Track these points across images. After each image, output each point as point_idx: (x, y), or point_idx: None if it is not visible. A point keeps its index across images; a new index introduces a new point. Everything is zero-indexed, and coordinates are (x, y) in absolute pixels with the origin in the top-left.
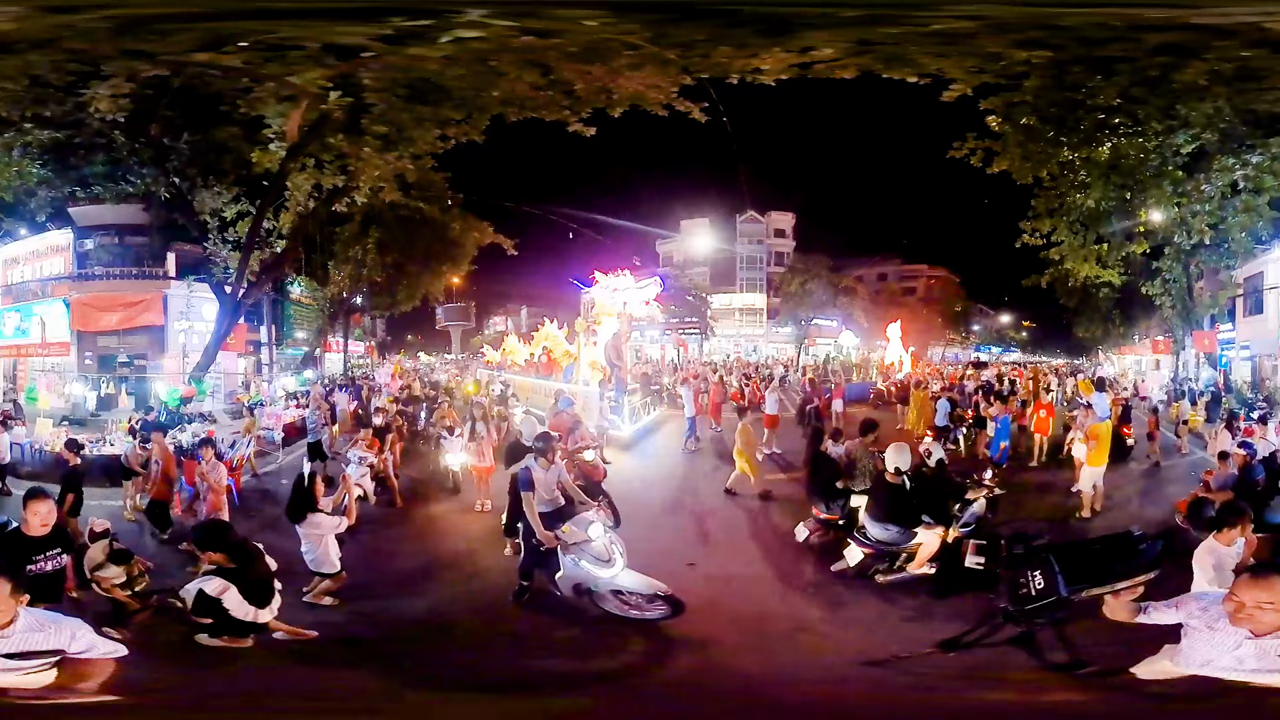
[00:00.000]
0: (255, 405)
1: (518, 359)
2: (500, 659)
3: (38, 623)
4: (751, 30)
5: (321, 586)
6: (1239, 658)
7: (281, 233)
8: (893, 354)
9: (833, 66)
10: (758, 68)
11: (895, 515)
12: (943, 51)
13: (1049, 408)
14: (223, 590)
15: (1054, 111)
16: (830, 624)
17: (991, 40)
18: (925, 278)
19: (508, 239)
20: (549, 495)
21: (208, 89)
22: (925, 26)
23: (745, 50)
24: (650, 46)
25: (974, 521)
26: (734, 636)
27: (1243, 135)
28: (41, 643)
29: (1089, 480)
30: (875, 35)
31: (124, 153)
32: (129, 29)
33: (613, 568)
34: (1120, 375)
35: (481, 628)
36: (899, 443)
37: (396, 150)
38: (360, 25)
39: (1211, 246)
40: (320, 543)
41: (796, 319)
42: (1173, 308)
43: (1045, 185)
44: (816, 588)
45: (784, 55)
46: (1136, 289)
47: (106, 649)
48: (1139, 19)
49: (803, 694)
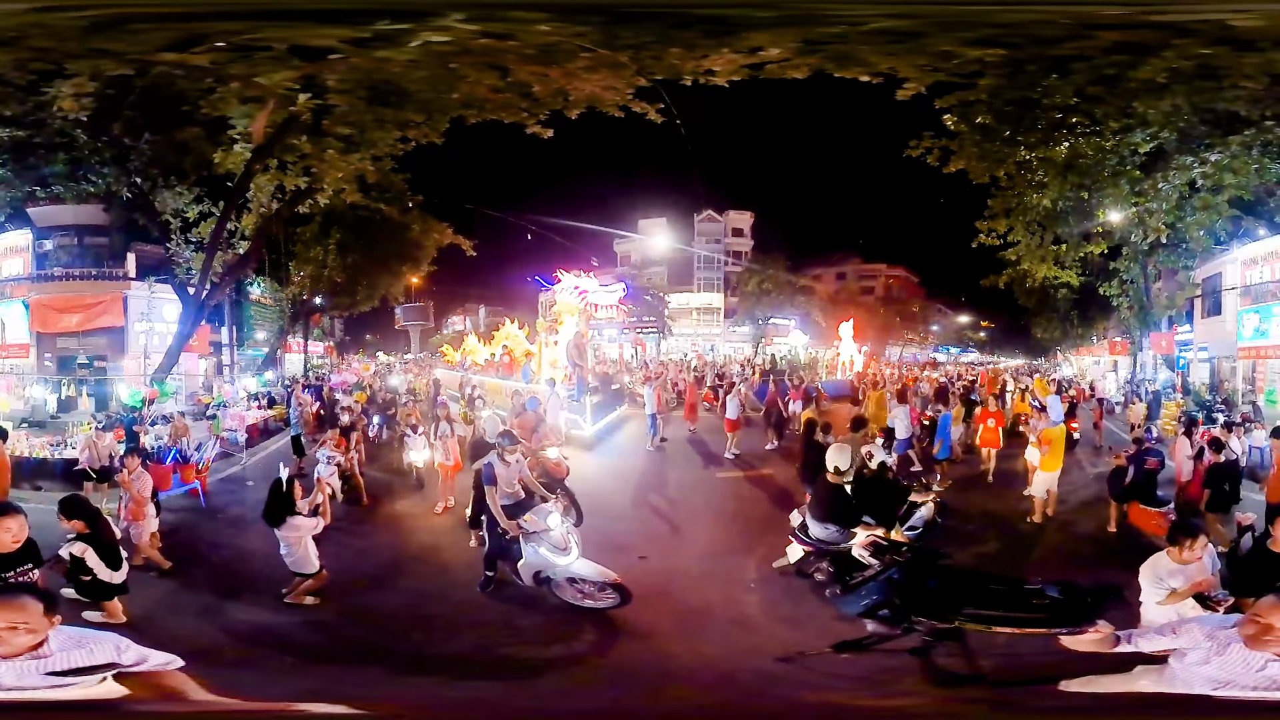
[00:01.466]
0: (219, 406)
1: (478, 358)
2: (468, 646)
3: (74, 640)
4: (697, 32)
5: (303, 586)
6: (1269, 677)
7: (244, 234)
8: (845, 353)
9: (784, 67)
10: (710, 69)
11: (835, 515)
12: (893, 50)
13: (998, 416)
14: (84, 551)
15: (1010, 110)
16: (763, 615)
17: (943, 39)
18: (884, 277)
19: (466, 240)
20: (510, 489)
21: (171, 89)
22: (865, 25)
23: (695, 52)
24: (602, 50)
25: (921, 525)
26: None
27: (1201, 134)
28: (84, 659)
29: (1042, 485)
30: (818, 34)
31: (85, 152)
32: (100, 28)
33: (569, 555)
34: (1078, 376)
35: (450, 616)
36: (840, 443)
37: (358, 152)
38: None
39: (1169, 246)
40: (300, 544)
41: (754, 318)
42: (1130, 309)
43: (1002, 185)
44: (761, 581)
45: (733, 56)
46: (1094, 290)
47: (159, 660)
48: (1095, 16)
49: (734, 684)
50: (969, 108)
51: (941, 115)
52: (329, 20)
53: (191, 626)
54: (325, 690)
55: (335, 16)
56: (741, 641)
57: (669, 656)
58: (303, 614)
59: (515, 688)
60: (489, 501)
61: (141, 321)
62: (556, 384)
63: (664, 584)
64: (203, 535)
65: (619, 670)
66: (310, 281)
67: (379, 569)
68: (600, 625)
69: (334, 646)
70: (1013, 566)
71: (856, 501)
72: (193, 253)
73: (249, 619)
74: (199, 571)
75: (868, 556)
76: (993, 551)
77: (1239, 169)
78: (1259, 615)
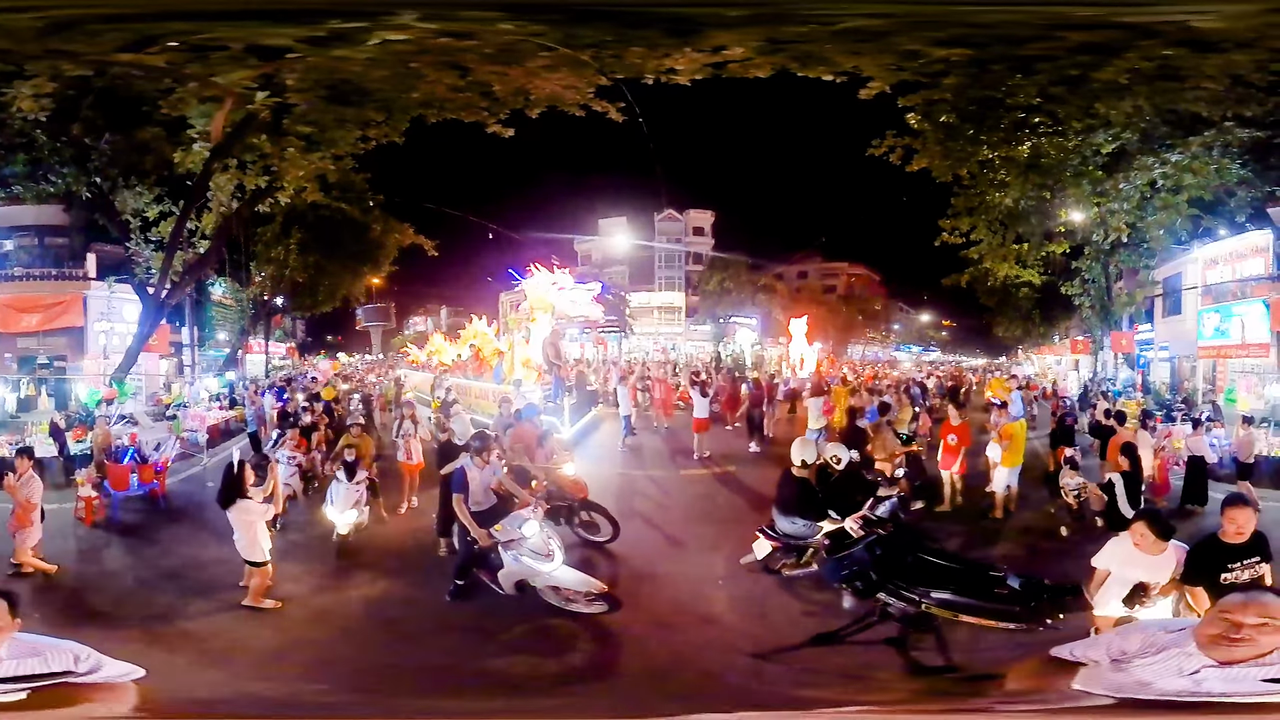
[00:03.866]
0: (179, 406)
1: (444, 358)
2: (441, 655)
3: (30, 648)
4: (659, 30)
5: (254, 585)
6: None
7: (204, 233)
8: (795, 351)
9: (746, 66)
10: (672, 68)
11: (801, 509)
12: (857, 49)
13: (961, 431)
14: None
15: (973, 110)
16: (733, 612)
17: (907, 38)
18: (846, 275)
19: (428, 240)
20: (483, 496)
21: (130, 89)
22: (832, 25)
23: (657, 51)
24: (563, 49)
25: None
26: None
27: (1163, 135)
28: (36, 667)
29: (1003, 481)
30: (781, 34)
31: (45, 152)
32: (58, 29)
33: (552, 562)
34: (1039, 374)
35: (420, 623)
36: (803, 438)
37: (319, 151)
38: (288, 26)
39: (1130, 245)
40: (250, 529)
41: (715, 317)
42: (1091, 307)
43: (964, 184)
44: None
45: (695, 55)
46: (1056, 289)
47: (117, 671)
48: (1062, 17)
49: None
50: (932, 107)
51: (905, 114)
52: (282, 19)
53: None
54: (288, 698)
55: (289, 16)
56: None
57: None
58: (263, 619)
59: (491, 692)
60: (458, 510)
61: (101, 321)
62: (523, 384)
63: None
64: (160, 537)
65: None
66: (271, 282)
67: (338, 572)
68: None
69: (296, 652)
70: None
71: (822, 495)
72: (153, 252)
73: (208, 624)
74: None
75: (858, 529)
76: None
77: (1199, 169)
78: (1221, 615)
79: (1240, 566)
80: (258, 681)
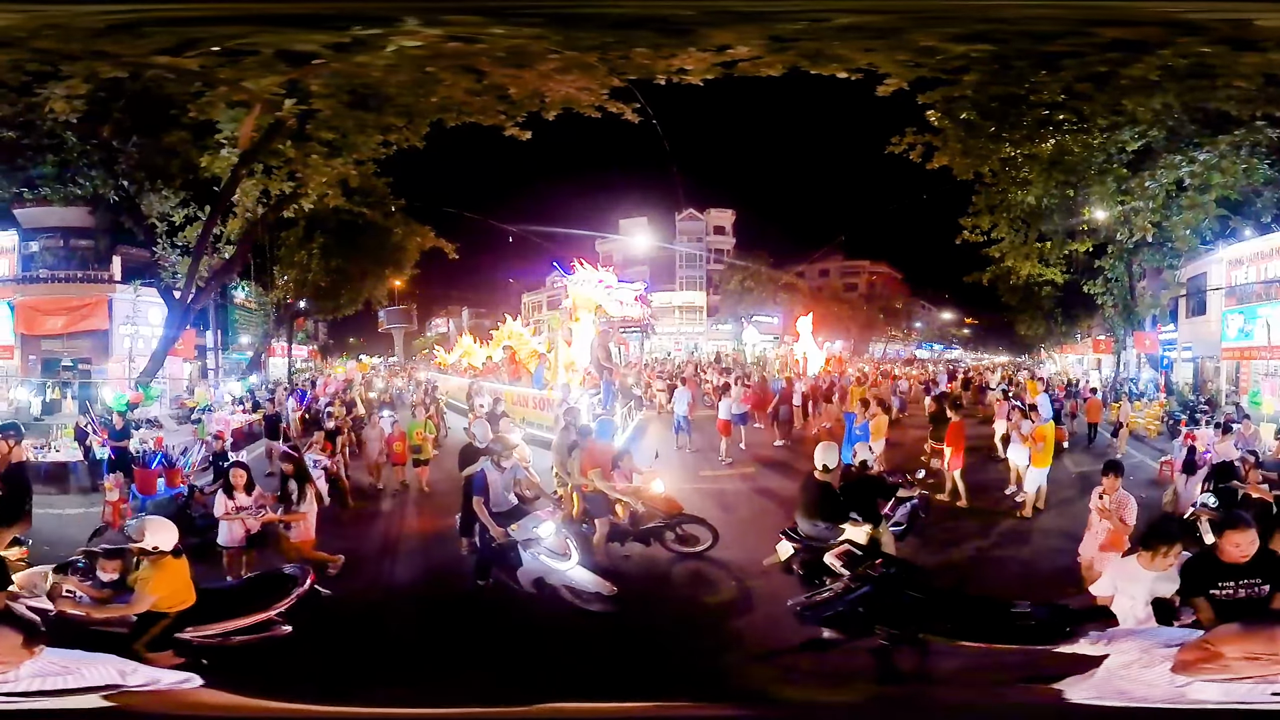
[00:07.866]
0: (204, 410)
1: (475, 360)
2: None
3: (60, 665)
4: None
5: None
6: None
7: (229, 238)
8: (801, 350)
9: (757, 65)
10: (682, 68)
11: (822, 512)
12: (871, 46)
13: (956, 430)
14: None
15: (995, 106)
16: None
17: (923, 34)
18: (867, 274)
19: (449, 243)
20: (502, 498)
21: (161, 92)
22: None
23: (662, 51)
24: (569, 51)
25: (906, 520)
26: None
27: (1190, 133)
28: (68, 684)
29: (1034, 482)
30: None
31: (74, 154)
32: (103, 31)
33: (569, 560)
34: (1060, 373)
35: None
36: (827, 441)
37: (341, 156)
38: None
39: (1154, 245)
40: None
41: (736, 316)
42: (1114, 307)
43: (986, 181)
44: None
45: (703, 55)
46: (1079, 287)
47: (173, 679)
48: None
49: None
50: (953, 104)
51: (924, 111)
52: (312, 25)
53: None
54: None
55: (317, 21)
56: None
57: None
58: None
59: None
60: (478, 511)
61: (126, 325)
62: (571, 390)
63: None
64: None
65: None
66: (294, 285)
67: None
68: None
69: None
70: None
71: (844, 498)
72: (178, 257)
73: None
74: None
75: (839, 567)
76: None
77: (1227, 169)
78: (1209, 643)
79: (1235, 585)
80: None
